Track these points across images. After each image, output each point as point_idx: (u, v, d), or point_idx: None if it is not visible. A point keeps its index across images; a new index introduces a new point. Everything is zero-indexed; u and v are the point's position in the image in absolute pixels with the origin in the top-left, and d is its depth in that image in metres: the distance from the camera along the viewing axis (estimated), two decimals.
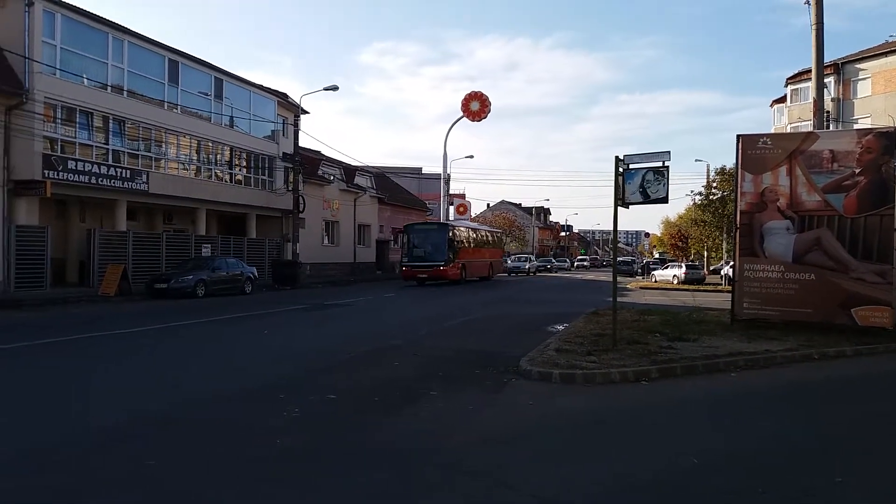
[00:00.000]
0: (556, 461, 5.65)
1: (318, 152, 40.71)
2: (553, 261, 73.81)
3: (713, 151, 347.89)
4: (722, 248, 43.42)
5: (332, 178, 41.61)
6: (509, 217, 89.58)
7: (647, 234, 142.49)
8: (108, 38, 23.59)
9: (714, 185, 42.68)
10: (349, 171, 44.61)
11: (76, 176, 21.93)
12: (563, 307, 20.78)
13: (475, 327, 15.46)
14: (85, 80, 22.71)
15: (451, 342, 12.69)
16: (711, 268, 53.99)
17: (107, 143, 23.56)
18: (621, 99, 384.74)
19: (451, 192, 52.80)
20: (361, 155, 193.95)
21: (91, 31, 23.06)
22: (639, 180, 10.71)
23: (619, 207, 10.87)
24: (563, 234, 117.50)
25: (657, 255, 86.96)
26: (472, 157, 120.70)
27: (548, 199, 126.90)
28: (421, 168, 74.07)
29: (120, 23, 24.01)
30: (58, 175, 21.16)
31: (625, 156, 10.88)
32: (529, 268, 56.54)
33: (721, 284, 36.41)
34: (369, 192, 46.72)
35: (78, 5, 22.47)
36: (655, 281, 42.12)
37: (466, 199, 70.29)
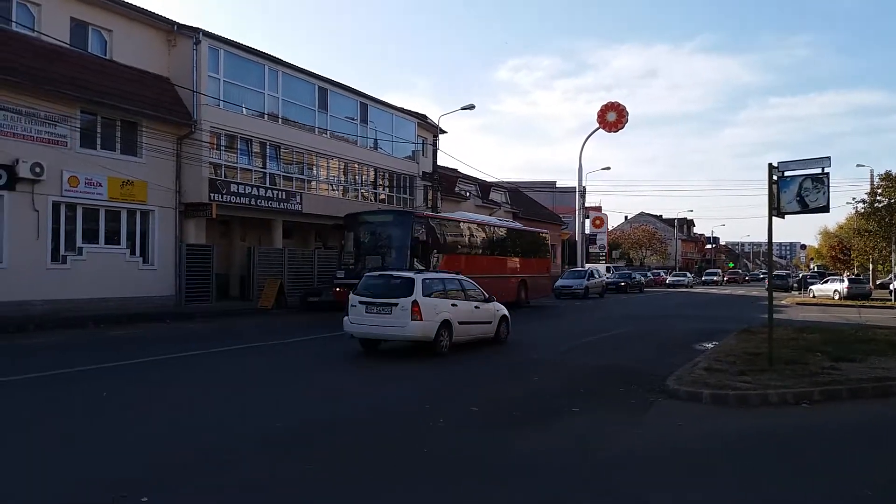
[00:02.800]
0: (707, 487, 5.44)
1: (455, 170, 41.56)
2: (634, 275, 51.73)
3: (876, 155, 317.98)
4: (890, 261, 39.60)
5: (468, 194, 42.34)
6: (649, 230, 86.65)
7: (802, 246, 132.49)
8: (265, 70, 25.48)
9: (879, 191, 39.08)
10: (484, 188, 45.19)
11: (237, 198, 23.80)
12: (711, 324, 19.87)
13: (617, 344, 15.12)
14: (244, 110, 24.65)
15: (592, 358, 12.51)
16: (878, 282, 49.37)
17: (264, 168, 25.40)
18: (771, 102, 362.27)
19: (586, 204, 51.97)
20: (496, 171, 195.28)
21: (249, 63, 25.02)
22: (795, 188, 10.11)
23: (773, 218, 10.30)
24: (708, 246, 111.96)
25: (815, 269, 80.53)
26: (608, 168, 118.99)
27: (691, 210, 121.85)
28: (555, 182, 73.58)
29: (274, 54, 25.87)
30: (222, 198, 23.06)
31: (779, 162, 10.31)
32: (589, 287, 36.35)
33: (890, 300, 33.24)
34: (504, 208, 47.03)
35: (238, 41, 24.52)
36: (814, 296, 39.18)
37: (603, 211, 68.96)
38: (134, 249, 21.26)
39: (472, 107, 32.73)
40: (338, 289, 20.31)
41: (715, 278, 71.97)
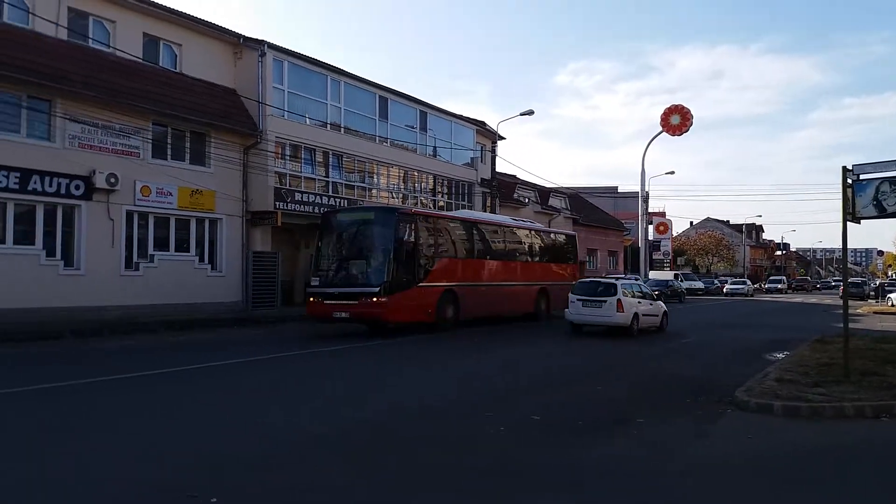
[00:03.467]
0: (780, 501, 5.23)
1: (514, 176, 41.44)
2: (672, 282, 44.70)
3: None
4: None
5: (527, 200, 42.12)
6: (716, 235, 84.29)
7: (880, 252, 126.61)
8: (327, 80, 25.99)
9: None
10: (543, 194, 44.88)
11: (301, 206, 24.29)
12: (781, 333, 19.19)
13: (683, 353, 14.76)
14: (307, 120, 25.19)
15: (657, 368, 12.24)
16: None
17: (327, 176, 25.88)
18: (844, 103, 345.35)
19: (649, 210, 50.93)
20: (556, 176, 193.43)
21: (312, 74, 25.56)
22: (872, 192, 9.65)
23: (848, 223, 9.86)
24: (778, 253, 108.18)
25: (893, 276, 76.65)
26: (672, 172, 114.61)
27: (760, 215, 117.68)
28: (617, 187, 72.57)
29: (336, 65, 26.37)
30: (286, 206, 23.58)
31: (854, 165, 9.87)
32: None
33: None
34: (563, 214, 46.60)
35: (301, 52, 25.09)
36: (892, 305, 37.35)
37: (667, 217, 67.49)
38: (203, 257, 21.93)
39: (531, 112, 32.61)
40: (311, 299, 17.62)
41: (779, 286, 67.06)
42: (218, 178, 21.96)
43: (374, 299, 16.53)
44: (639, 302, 18.13)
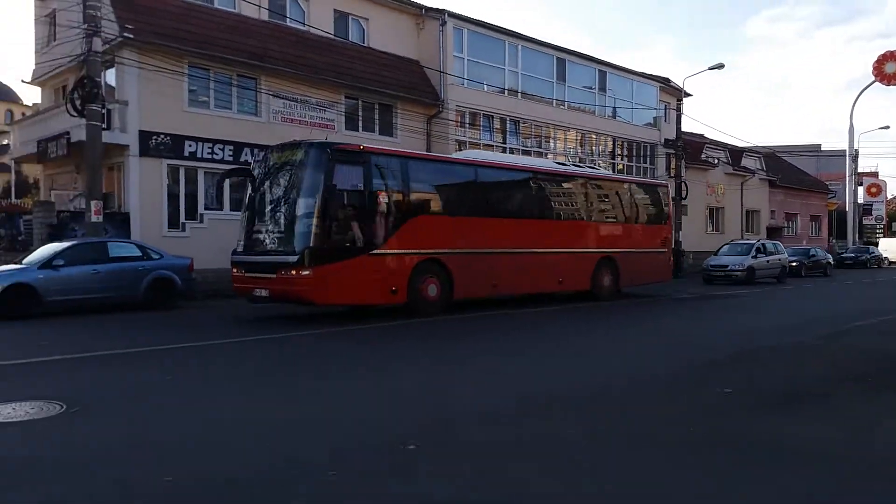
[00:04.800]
0: None
1: (702, 135, 39.09)
2: (814, 251, 34.05)
3: None
4: None
5: (716, 161, 39.63)
6: None
7: None
8: (505, 46, 26.04)
9: None
10: (735, 154, 41.96)
11: None
12: None
13: (878, 329, 13.29)
14: (485, 87, 25.48)
15: (871, 342, 11.16)
16: None
17: (504, 143, 26.11)
18: None
19: (859, 170, 45.96)
20: (749, 135, 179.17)
21: (490, 40, 25.75)
22: None
23: None
24: None
25: None
26: (887, 127, 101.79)
27: None
28: (820, 145, 66.15)
29: (513, 29, 26.34)
30: None
31: None
32: (756, 267, 25.49)
33: None
34: (758, 175, 43.29)
35: (479, 18, 25.34)
36: None
37: (880, 177, 60.47)
38: None
39: (721, 66, 30.50)
40: (234, 270, 13.04)
41: None
42: (404, 147, 22.87)
43: (294, 272, 11.78)
44: None
